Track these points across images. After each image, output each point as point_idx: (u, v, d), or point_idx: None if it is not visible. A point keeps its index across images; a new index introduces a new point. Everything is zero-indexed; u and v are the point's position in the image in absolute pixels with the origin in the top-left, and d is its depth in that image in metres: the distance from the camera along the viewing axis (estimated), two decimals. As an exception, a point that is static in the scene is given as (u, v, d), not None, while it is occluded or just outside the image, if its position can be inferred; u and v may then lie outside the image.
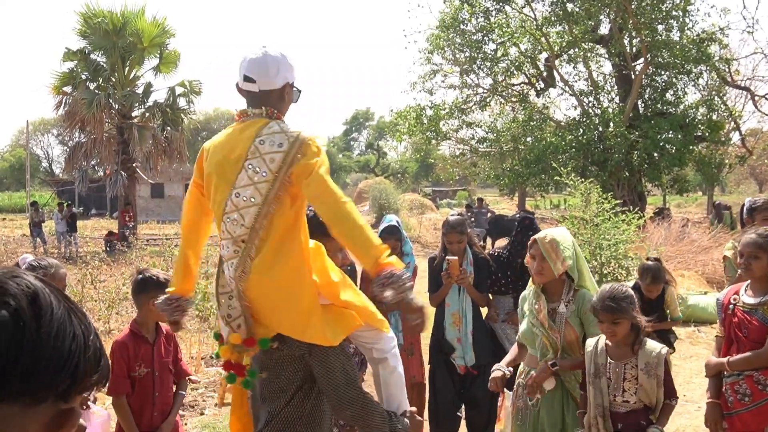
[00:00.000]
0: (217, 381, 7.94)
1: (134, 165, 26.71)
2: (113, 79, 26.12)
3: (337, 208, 3.11)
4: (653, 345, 3.88)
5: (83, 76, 25.76)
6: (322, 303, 3.21)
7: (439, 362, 5.70)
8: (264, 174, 3.13)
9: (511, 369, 4.45)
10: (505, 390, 4.46)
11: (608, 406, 3.85)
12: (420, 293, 6.00)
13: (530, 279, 4.48)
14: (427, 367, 5.97)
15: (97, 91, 24.98)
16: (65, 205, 26.61)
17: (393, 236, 5.69)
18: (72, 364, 1.03)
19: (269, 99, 3.33)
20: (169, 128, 26.19)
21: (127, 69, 26.46)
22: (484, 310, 5.86)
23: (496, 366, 4.45)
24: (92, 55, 26.09)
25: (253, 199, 3.14)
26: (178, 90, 26.12)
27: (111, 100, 25.12)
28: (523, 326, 4.41)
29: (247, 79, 3.33)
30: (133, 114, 26.60)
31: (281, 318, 3.20)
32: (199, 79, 26.36)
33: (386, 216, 6.08)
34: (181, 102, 26.44)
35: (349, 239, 3.14)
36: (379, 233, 5.65)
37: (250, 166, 3.16)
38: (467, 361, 5.56)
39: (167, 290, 3.46)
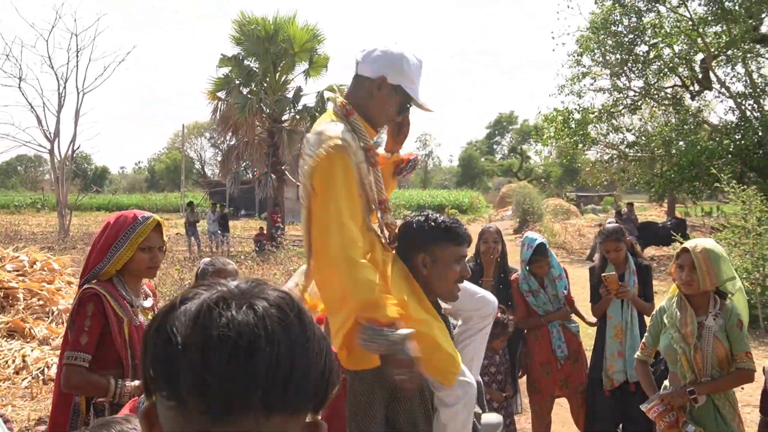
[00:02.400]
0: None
1: (283, 168, 27.40)
2: (265, 84, 26.95)
3: (322, 239, 2.79)
4: None
5: (237, 82, 26.65)
6: None
7: (599, 375, 5.50)
8: (304, 175, 2.90)
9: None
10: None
11: None
12: (579, 303, 5.86)
13: (672, 289, 4.28)
14: None
15: (249, 96, 25.82)
16: (218, 206, 27.62)
17: (544, 256, 5.53)
18: (327, 375, 1.04)
19: (359, 89, 3.08)
20: (317, 132, 26.73)
21: (278, 74, 27.23)
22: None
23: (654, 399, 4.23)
24: (245, 61, 26.99)
25: (301, 199, 2.97)
26: (327, 94, 26.60)
27: (262, 105, 25.89)
28: (663, 341, 4.17)
29: (356, 63, 3.10)
30: (283, 118, 27.32)
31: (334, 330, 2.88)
32: (347, 83, 26.81)
33: (527, 236, 5.81)
34: (329, 106, 26.86)
35: (327, 281, 2.82)
36: (530, 255, 5.49)
37: (303, 163, 2.94)
38: (631, 376, 5.29)
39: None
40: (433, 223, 3.03)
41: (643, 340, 4.43)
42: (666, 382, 4.26)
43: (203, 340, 0.96)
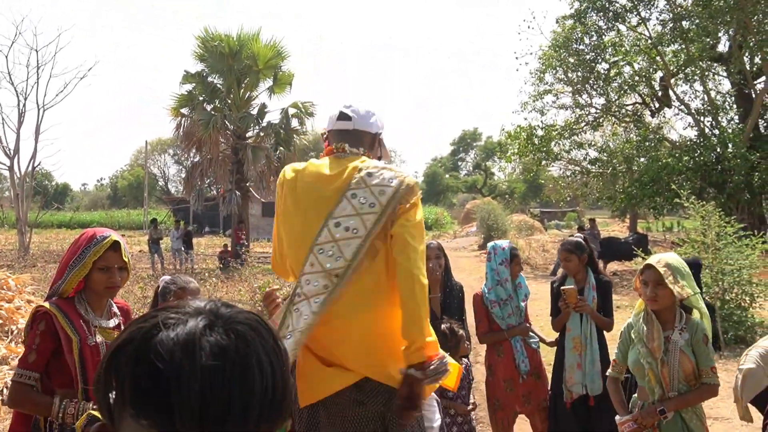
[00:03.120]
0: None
1: (248, 184, 27.31)
2: (229, 101, 26.88)
3: (417, 270, 2.98)
4: None
5: (200, 98, 26.55)
6: None
7: (560, 388, 5.55)
8: (372, 205, 3.02)
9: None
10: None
11: None
12: (534, 316, 5.90)
13: (638, 304, 4.32)
14: None
15: (213, 113, 25.77)
16: (182, 223, 27.42)
17: (516, 254, 5.65)
18: (293, 390, 1.07)
19: (362, 141, 3.30)
20: (281, 148, 26.75)
21: (242, 91, 27.18)
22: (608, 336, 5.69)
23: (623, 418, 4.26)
24: (209, 78, 26.91)
25: (356, 231, 3.01)
26: (291, 111, 26.65)
27: (227, 122, 25.86)
28: (631, 356, 4.19)
29: (342, 116, 3.31)
30: (248, 135, 27.25)
31: (371, 360, 3.07)
32: (311, 100, 26.87)
33: (494, 243, 5.89)
34: (294, 123, 26.95)
35: (409, 311, 2.97)
36: (510, 255, 5.59)
37: (354, 196, 3.05)
38: (591, 389, 5.37)
39: None
40: None
41: (614, 356, 4.43)
42: (635, 396, 4.30)
43: (199, 369, 0.96)
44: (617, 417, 4.23)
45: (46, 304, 3.25)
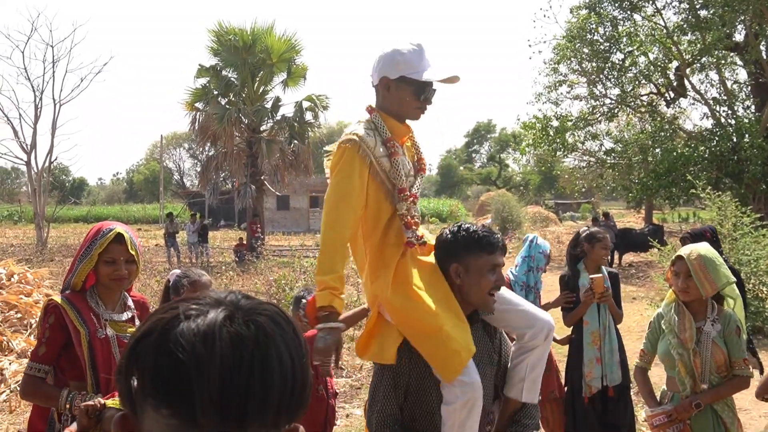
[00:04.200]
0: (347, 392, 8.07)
1: (262, 178, 27.36)
2: (243, 95, 26.94)
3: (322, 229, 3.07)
4: None
5: (215, 92, 26.63)
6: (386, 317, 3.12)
7: (579, 384, 5.52)
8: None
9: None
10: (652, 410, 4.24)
11: None
12: (552, 313, 5.88)
13: (668, 294, 4.30)
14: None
15: (227, 107, 25.82)
16: (197, 216, 27.51)
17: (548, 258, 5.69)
18: (312, 383, 1.09)
19: (377, 96, 3.30)
20: (295, 142, 26.78)
21: (256, 84, 27.22)
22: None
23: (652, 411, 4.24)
24: (224, 72, 26.98)
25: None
26: (305, 104, 26.66)
27: (241, 115, 25.89)
28: (661, 347, 4.17)
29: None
30: (262, 128, 27.31)
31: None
32: (325, 93, 26.87)
33: (535, 236, 5.97)
34: (308, 116, 26.98)
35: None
36: (544, 253, 5.60)
37: None
38: (611, 380, 5.36)
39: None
40: (465, 233, 3.06)
41: (642, 347, 4.40)
42: (663, 387, 4.29)
43: (219, 358, 0.97)
44: (647, 409, 4.22)
45: (57, 298, 3.29)
